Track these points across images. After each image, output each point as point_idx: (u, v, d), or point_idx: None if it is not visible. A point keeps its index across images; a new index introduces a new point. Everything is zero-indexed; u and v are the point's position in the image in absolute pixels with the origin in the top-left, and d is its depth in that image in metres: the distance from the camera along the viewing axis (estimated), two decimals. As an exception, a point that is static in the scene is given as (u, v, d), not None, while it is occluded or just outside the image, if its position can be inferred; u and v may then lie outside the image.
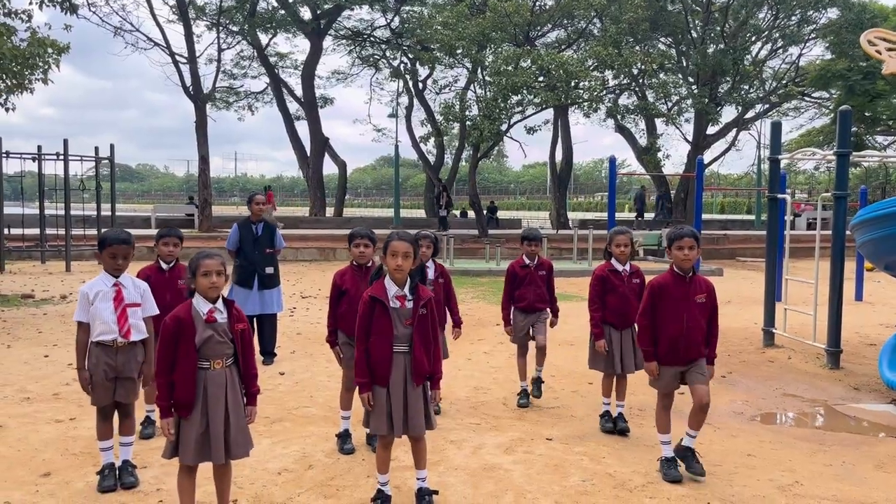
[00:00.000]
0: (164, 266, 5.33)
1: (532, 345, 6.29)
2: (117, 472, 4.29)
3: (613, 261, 5.52)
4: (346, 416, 5.06)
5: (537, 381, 6.36)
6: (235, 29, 29.11)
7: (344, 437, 5.03)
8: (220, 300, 3.63)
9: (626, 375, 5.58)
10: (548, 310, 6.23)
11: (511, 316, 6.25)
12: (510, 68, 20.28)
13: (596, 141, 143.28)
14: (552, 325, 6.32)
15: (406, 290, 3.93)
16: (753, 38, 28.51)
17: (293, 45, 51.74)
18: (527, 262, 6.20)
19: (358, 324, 3.95)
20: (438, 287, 5.78)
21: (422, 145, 32.67)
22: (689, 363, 4.58)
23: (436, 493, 4.12)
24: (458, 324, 5.96)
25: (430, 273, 5.75)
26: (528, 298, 6.15)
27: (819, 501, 4.27)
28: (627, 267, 5.52)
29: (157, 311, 4.47)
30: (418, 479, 4.08)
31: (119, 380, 4.26)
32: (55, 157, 17.27)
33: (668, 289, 4.55)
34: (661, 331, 4.56)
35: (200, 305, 3.57)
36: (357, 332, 3.97)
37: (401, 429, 3.91)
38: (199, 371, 3.54)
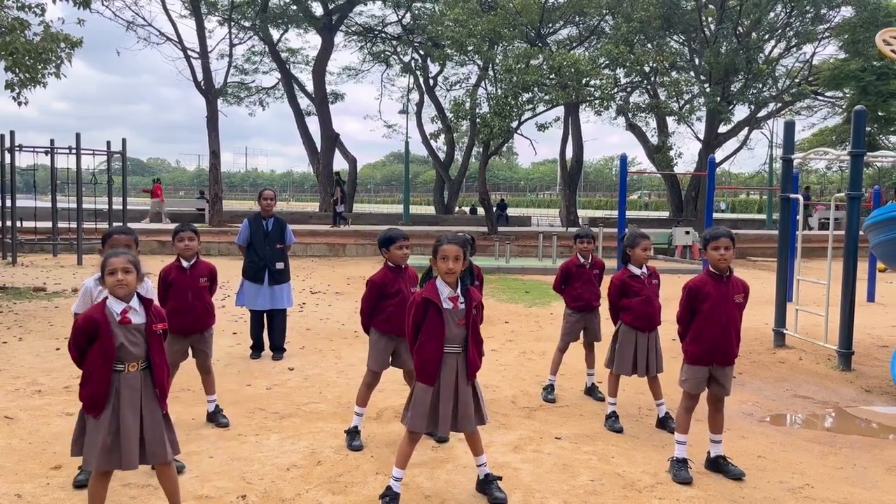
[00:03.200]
0: (185, 264, 5.28)
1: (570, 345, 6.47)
2: None
3: (631, 266, 5.50)
4: (360, 412, 5.08)
5: (594, 388, 6.44)
6: (247, 24, 29.19)
7: (353, 433, 5.04)
8: (135, 299, 3.52)
9: (657, 376, 5.58)
10: (598, 312, 6.32)
11: (563, 314, 6.42)
12: (521, 66, 20.23)
13: (604, 139, 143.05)
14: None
15: (458, 291, 3.99)
16: (767, 37, 28.32)
17: (304, 41, 52.08)
18: (581, 260, 6.27)
19: (411, 324, 4.02)
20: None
21: (432, 142, 32.73)
22: (721, 367, 4.57)
23: (499, 478, 4.20)
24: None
25: None
26: (584, 298, 6.24)
27: (830, 504, 4.24)
28: (645, 269, 5.51)
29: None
30: (479, 465, 4.20)
31: None
32: (67, 150, 17.33)
33: (706, 290, 4.53)
34: (700, 332, 4.54)
35: (114, 306, 3.47)
36: (408, 333, 4.08)
37: (447, 427, 4.01)
38: (112, 374, 3.45)
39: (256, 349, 7.76)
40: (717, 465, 4.63)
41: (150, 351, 3.51)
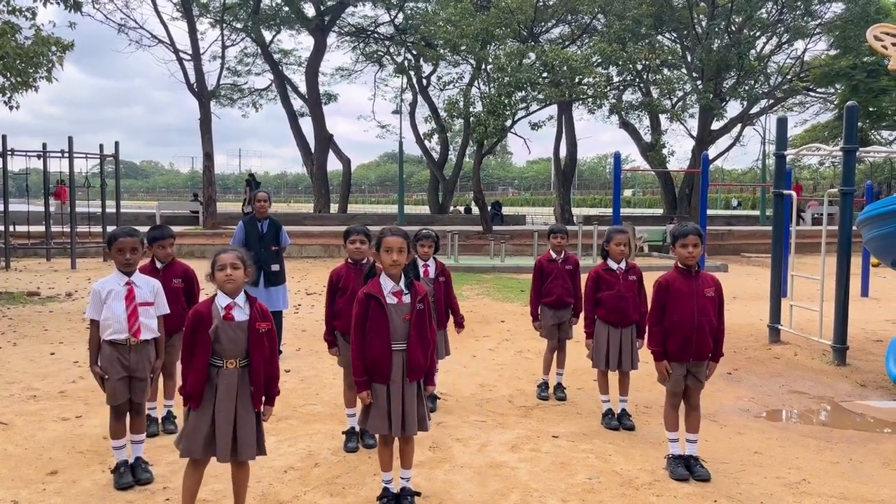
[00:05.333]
0: (158, 265, 5.28)
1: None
2: (131, 470, 4.32)
3: (609, 260, 5.54)
4: (352, 413, 5.06)
5: (559, 387, 6.43)
6: (239, 26, 29.11)
7: (350, 434, 5.03)
8: (241, 296, 3.61)
9: (628, 372, 5.59)
10: (572, 308, 6.28)
11: (539, 311, 6.32)
12: (514, 64, 20.24)
13: (597, 137, 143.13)
14: (572, 324, 6.37)
15: (402, 285, 3.91)
16: (758, 33, 28.40)
17: (297, 42, 51.98)
18: (554, 256, 6.28)
19: (354, 322, 3.92)
20: (440, 286, 5.77)
21: (426, 142, 32.66)
22: (697, 361, 4.57)
23: (418, 494, 4.10)
24: (460, 323, 5.93)
25: (432, 272, 5.75)
26: (555, 293, 6.21)
27: (826, 499, 4.25)
28: (623, 265, 5.53)
29: (168, 310, 4.50)
30: (402, 478, 4.07)
31: (132, 379, 4.29)
32: (60, 154, 17.29)
33: (675, 285, 4.54)
34: (672, 328, 4.54)
35: (220, 300, 3.58)
36: (353, 331, 3.94)
37: (399, 428, 3.89)
38: (211, 368, 3.55)
39: None
40: (688, 465, 4.56)
41: (250, 349, 3.57)
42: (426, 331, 3.95)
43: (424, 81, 32.32)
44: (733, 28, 27.49)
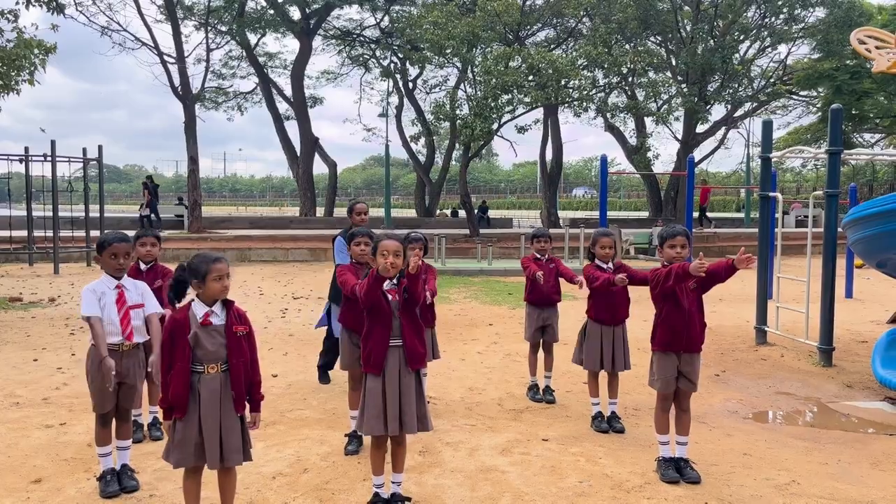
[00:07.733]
0: (142, 267, 5.25)
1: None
2: (117, 477, 4.26)
3: (597, 261, 5.56)
4: (355, 415, 5.02)
5: (547, 389, 6.43)
6: (224, 29, 28.95)
7: (352, 437, 5.01)
8: (217, 303, 3.59)
9: (618, 374, 5.60)
10: (558, 308, 6.34)
11: (525, 312, 6.39)
12: (500, 67, 20.27)
13: (581, 140, 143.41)
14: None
15: (394, 282, 3.99)
16: (742, 37, 28.65)
17: (282, 45, 51.79)
18: (538, 257, 6.32)
19: (359, 291, 4.01)
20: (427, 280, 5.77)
21: (412, 145, 32.69)
22: (689, 353, 4.56)
23: (409, 499, 4.08)
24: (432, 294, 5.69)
25: None
26: (541, 291, 6.20)
27: (816, 500, 4.26)
28: (611, 265, 5.55)
29: (160, 309, 4.45)
30: (393, 482, 4.07)
31: (122, 385, 4.23)
32: (42, 158, 17.09)
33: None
34: (662, 320, 4.55)
35: (197, 308, 3.54)
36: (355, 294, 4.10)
37: (396, 427, 3.89)
38: (192, 374, 3.51)
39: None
40: (679, 467, 4.56)
41: (228, 353, 3.54)
42: (416, 318, 4.01)
43: (410, 84, 32.31)
44: (717, 32, 27.71)
